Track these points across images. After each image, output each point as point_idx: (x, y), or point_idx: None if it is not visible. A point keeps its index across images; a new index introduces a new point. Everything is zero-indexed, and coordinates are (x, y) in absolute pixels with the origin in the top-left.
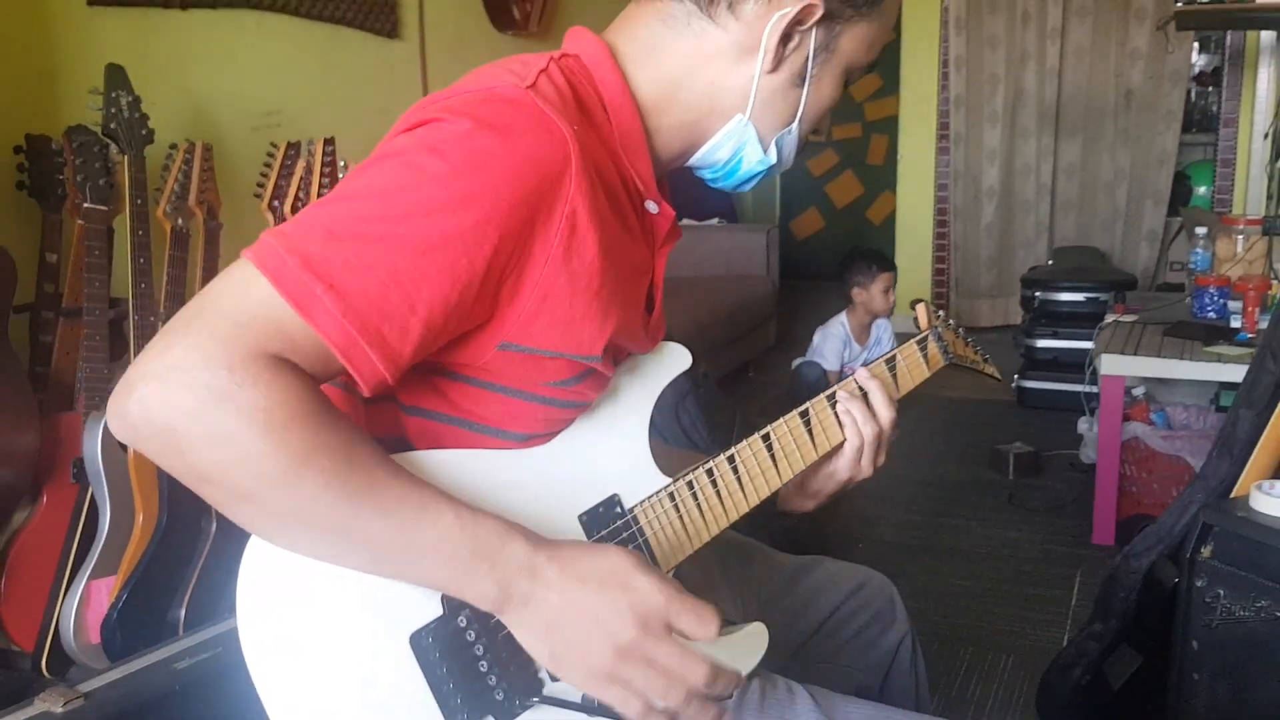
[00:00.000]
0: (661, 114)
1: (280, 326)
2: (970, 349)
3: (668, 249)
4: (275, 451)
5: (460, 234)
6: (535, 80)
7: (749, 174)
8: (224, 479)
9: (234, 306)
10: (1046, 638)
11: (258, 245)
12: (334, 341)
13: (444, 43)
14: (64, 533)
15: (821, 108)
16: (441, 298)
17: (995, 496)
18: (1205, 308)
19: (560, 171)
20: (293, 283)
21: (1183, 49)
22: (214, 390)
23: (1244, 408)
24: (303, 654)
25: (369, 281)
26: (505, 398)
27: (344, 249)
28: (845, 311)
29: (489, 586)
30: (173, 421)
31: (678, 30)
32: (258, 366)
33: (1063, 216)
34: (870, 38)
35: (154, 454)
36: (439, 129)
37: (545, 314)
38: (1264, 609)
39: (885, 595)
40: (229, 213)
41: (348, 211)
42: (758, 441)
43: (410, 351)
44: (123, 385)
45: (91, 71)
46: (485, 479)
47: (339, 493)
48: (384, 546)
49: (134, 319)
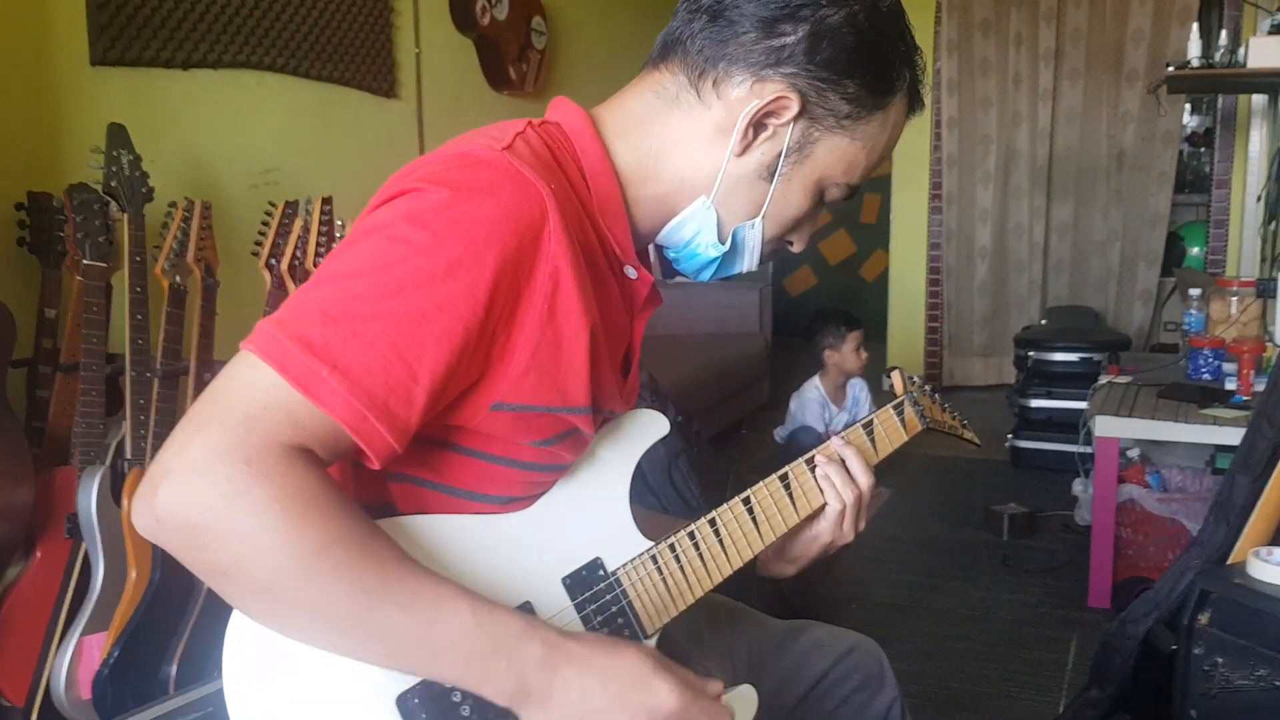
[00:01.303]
0: (640, 185)
1: (290, 413)
2: (947, 414)
3: (647, 314)
4: (293, 543)
5: (451, 300)
6: (511, 142)
7: (704, 260)
8: (243, 573)
9: (244, 398)
10: (1042, 703)
11: (257, 336)
12: (344, 420)
13: (441, 102)
14: (57, 588)
15: (790, 213)
16: (442, 363)
17: (989, 558)
18: (1200, 369)
19: (539, 229)
20: (298, 368)
21: (1174, 111)
22: (233, 485)
23: (1240, 473)
24: (288, 716)
25: (371, 357)
26: (485, 463)
27: (342, 329)
28: (818, 375)
29: (506, 683)
30: (194, 517)
31: (665, 104)
32: (273, 459)
33: (1055, 276)
34: (850, 157)
35: (176, 549)
36: (418, 199)
37: (535, 369)
38: (1263, 678)
39: (874, 659)
40: (226, 270)
41: (340, 292)
42: (739, 505)
43: (417, 420)
44: (146, 483)
45: (93, 130)
46: (470, 542)
47: (354, 585)
48: (400, 641)
49: (130, 375)
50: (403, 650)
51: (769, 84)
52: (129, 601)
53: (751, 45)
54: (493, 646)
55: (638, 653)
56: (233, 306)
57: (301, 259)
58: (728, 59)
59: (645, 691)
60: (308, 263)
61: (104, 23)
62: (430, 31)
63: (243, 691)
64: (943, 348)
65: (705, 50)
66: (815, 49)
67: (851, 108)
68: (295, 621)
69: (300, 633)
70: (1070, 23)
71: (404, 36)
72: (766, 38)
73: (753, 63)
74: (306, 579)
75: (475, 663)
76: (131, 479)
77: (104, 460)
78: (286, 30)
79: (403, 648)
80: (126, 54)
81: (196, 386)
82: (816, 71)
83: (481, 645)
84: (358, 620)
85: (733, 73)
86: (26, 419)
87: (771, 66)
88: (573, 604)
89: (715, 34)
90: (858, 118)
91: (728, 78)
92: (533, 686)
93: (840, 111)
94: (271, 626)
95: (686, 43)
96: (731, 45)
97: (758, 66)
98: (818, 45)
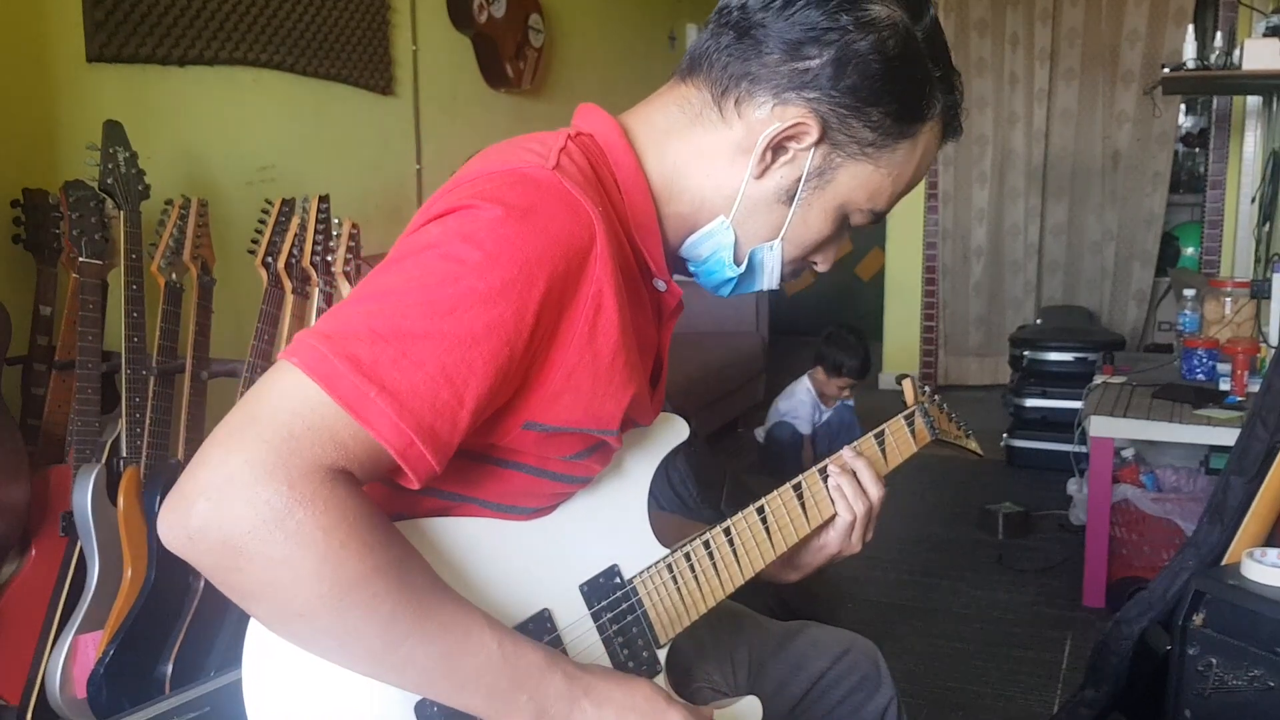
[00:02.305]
0: (667, 201)
1: (334, 434)
2: (954, 425)
3: (672, 324)
4: (333, 573)
5: (502, 322)
6: (558, 160)
7: (722, 279)
8: (277, 598)
9: (288, 416)
10: (1037, 702)
11: (300, 348)
12: (391, 444)
13: (438, 99)
14: (52, 586)
15: (811, 238)
16: (487, 385)
17: (985, 557)
18: (1194, 369)
19: (587, 251)
20: (346, 388)
21: (1169, 111)
22: (274, 509)
23: (1235, 475)
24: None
25: (419, 380)
26: (519, 474)
27: (392, 349)
28: (808, 376)
29: (527, 715)
30: (232, 539)
31: (689, 119)
32: (316, 481)
33: (1050, 276)
34: (873, 185)
35: (208, 569)
36: (471, 217)
37: (569, 392)
38: (1257, 678)
39: (870, 660)
40: (222, 268)
41: (389, 308)
42: (753, 514)
43: (459, 442)
44: (178, 497)
45: (89, 127)
46: (491, 547)
47: (387, 618)
48: (426, 673)
49: (126, 373)
50: (429, 680)
51: (790, 107)
52: (124, 600)
53: (776, 67)
54: (516, 680)
55: (650, 687)
56: (229, 304)
57: (298, 257)
58: (751, 78)
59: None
60: (304, 260)
61: (100, 19)
62: (427, 29)
63: (262, 691)
64: (938, 347)
65: (730, 68)
66: (840, 75)
67: (876, 135)
68: (322, 645)
69: (325, 654)
70: (1066, 23)
71: (401, 34)
72: (791, 60)
73: (776, 84)
74: (342, 609)
75: (498, 695)
76: (127, 477)
77: (100, 458)
78: (283, 27)
79: (429, 679)
80: (123, 51)
81: (193, 384)
82: (840, 98)
83: (506, 678)
84: (387, 650)
85: (755, 93)
86: (22, 417)
87: (794, 90)
88: (589, 612)
89: (740, 52)
90: (882, 146)
91: (750, 98)
92: (553, 718)
93: (864, 139)
94: (295, 644)
95: (713, 58)
96: (755, 65)
97: (780, 89)
98: (842, 71)
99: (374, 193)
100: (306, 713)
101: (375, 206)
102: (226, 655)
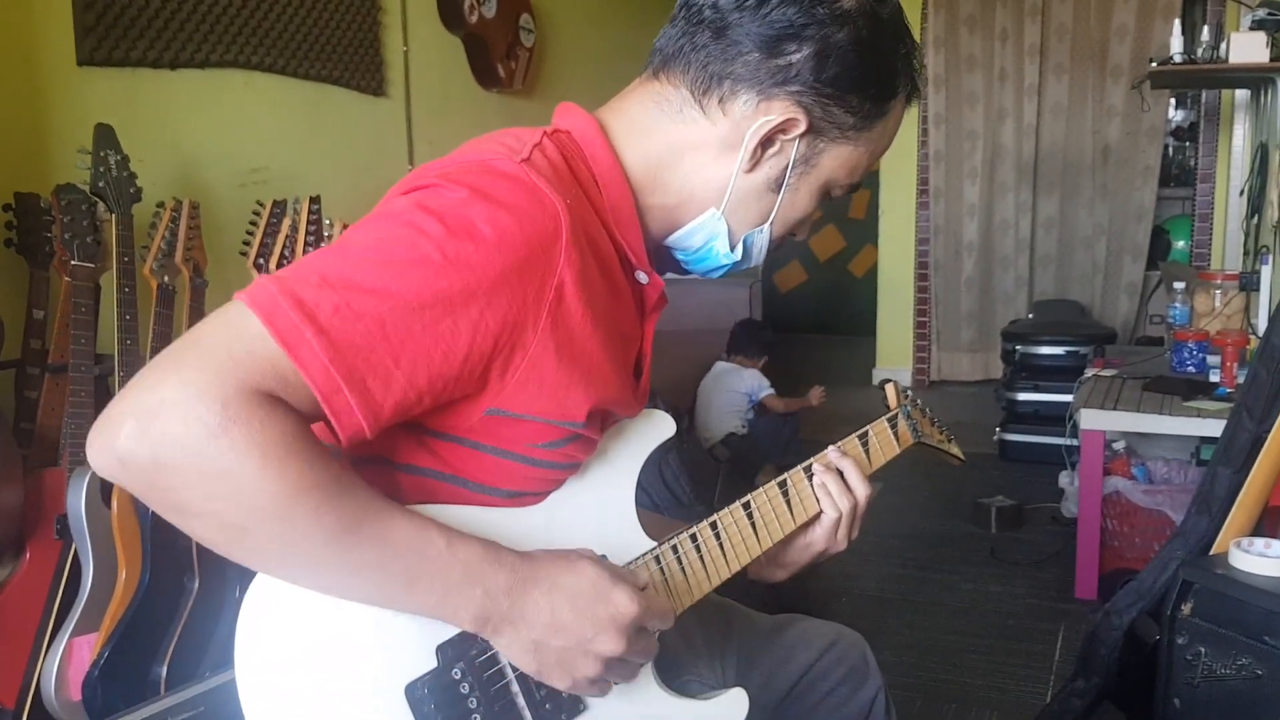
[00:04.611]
0: (649, 193)
1: (274, 365)
2: (936, 429)
3: (655, 317)
4: (271, 486)
5: (449, 296)
6: (529, 154)
7: (716, 265)
8: (216, 513)
9: (227, 343)
10: (1030, 693)
11: (252, 287)
12: (318, 387)
13: (429, 101)
14: (47, 589)
15: (796, 217)
16: (424, 356)
17: (977, 550)
18: (1184, 362)
19: (550, 244)
20: (284, 323)
21: (1159, 106)
22: (208, 425)
23: (1222, 465)
24: (299, 704)
25: (357, 331)
26: (494, 457)
27: (335, 295)
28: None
29: (477, 610)
30: (164, 456)
31: (669, 116)
32: (253, 402)
33: (1042, 270)
34: (854, 161)
35: (139, 488)
36: (437, 194)
37: (532, 383)
38: (1245, 667)
39: (858, 652)
40: (214, 270)
41: (343, 261)
42: (739, 509)
43: (391, 405)
44: (106, 420)
45: (80, 131)
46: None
47: (333, 524)
48: (376, 574)
49: (119, 375)
50: (380, 582)
51: (775, 102)
52: (119, 602)
53: (757, 65)
54: (466, 574)
55: (593, 565)
56: (221, 306)
57: (290, 258)
58: (733, 77)
59: (607, 603)
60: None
61: (90, 23)
62: (418, 30)
63: (254, 680)
64: (931, 343)
65: (710, 67)
66: (821, 68)
67: (856, 119)
68: (267, 556)
69: (272, 567)
70: (1055, 18)
71: (392, 35)
72: (771, 56)
73: (759, 82)
74: (285, 520)
75: (450, 590)
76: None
77: None
78: (274, 29)
79: (380, 580)
80: (113, 54)
81: None
82: (822, 89)
83: (458, 574)
84: (335, 556)
85: (738, 91)
86: (15, 420)
87: (778, 85)
88: None
89: (719, 52)
90: (861, 127)
91: (733, 96)
92: (503, 610)
93: (845, 124)
94: (239, 560)
95: (689, 56)
96: (737, 64)
97: (764, 85)
98: (823, 64)
99: (366, 194)
100: (297, 700)
101: (367, 207)
102: (221, 656)
